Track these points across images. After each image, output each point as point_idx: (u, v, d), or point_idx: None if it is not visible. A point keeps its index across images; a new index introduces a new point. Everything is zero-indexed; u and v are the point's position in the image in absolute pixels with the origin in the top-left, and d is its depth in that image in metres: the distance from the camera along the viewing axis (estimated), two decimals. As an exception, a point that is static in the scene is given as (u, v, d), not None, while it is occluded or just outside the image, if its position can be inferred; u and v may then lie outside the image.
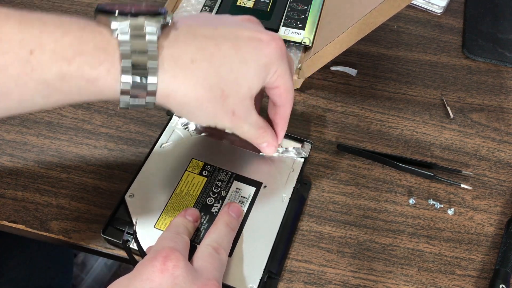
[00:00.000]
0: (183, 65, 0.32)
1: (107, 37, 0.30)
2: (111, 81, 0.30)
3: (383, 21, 0.45)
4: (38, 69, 0.29)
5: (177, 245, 0.35)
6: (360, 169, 0.49)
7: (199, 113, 0.34)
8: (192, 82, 0.32)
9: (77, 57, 0.29)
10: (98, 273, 1.00)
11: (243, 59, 0.34)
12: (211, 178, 0.44)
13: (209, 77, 0.33)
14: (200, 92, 0.32)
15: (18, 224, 0.44)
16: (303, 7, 0.59)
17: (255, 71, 0.34)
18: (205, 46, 0.33)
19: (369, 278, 0.43)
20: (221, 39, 0.34)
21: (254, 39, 0.35)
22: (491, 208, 0.48)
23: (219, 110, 0.34)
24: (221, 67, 0.33)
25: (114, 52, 0.30)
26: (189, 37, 0.33)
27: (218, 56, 0.33)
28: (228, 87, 0.33)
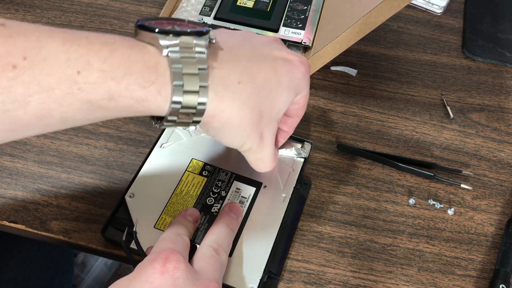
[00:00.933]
0: (230, 86, 0.32)
1: (156, 56, 0.29)
2: (161, 101, 0.30)
3: (383, 21, 0.45)
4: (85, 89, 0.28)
5: (178, 246, 0.35)
6: (360, 169, 0.49)
7: (236, 134, 0.34)
8: (238, 103, 0.32)
9: (126, 77, 0.28)
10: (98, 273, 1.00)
11: (279, 82, 0.34)
12: (211, 178, 0.44)
13: (252, 98, 0.33)
14: (244, 112, 0.33)
15: (18, 224, 0.44)
16: (303, 7, 0.59)
17: (287, 94, 0.35)
18: (249, 67, 0.33)
19: (369, 278, 0.43)
20: (262, 61, 0.34)
21: (287, 61, 0.35)
22: (491, 208, 0.48)
23: (253, 131, 0.34)
24: (262, 90, 0.33)
25: (165, 71, 0.29)
26: (233, 58, 0.33)
27: (260, 77, 0.33)
28: (266, 108, 0.34)
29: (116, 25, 0.60)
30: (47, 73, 0.26)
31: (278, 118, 0.36)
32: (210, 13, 0.58)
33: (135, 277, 0.33)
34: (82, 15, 0.60)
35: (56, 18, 0.60)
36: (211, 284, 0.34)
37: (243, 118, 0.33)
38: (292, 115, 0.40)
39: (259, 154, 0.37)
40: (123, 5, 0.62)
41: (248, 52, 0.34)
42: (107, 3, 0.62)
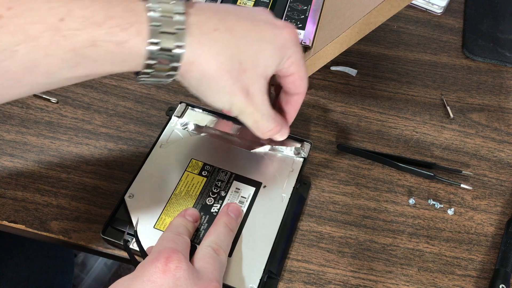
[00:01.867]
0: (207, 32, 0.32)
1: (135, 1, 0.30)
2: (140, 44, 0.30)
3: (383, 21, 0.45)
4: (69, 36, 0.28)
5: (178, 246, 0.35)
6: (360, 169, 0.49)
7: (217, 86, 0.33)
8: (215, 50, 0.32)
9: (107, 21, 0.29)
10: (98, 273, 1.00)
11: (261, 36, 0.34)
12: (210, 178, 0.44)
13: (230, 47, 0.33)
14: (221, 60, 0.32)
15: (18, 224, 0.44)
16: (303, 7, 0.59)
17: (272, 50, 0.35)
18: (227, 18, 0.33)
19: (369, 278, 0.43)
20: (242, 16, 0.35)
21: (271, 23, 0.35)
22: (491, 208, 0.48)
23: (235, 85, 0.34)
24: (241, 39, 0.33)
25: (143, 14, 0.30)
26: (212, 9, 0.34)
27: (238, 29, 0.33)
28: (246, 60, 0.34)
29: (116, 25, 0.60)
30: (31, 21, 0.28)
31: (265, 75, 0.35)
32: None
33: (136, 276, 0.33)
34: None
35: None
36: (212, 283, 0.34)
37: (220, 67, 0.32)
38: (290, 89, 0.39)
39: (253, 116, 0.36)
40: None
41: (230, 9, 0.35)
42: None
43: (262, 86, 0.35)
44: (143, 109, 0.52)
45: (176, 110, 0.49)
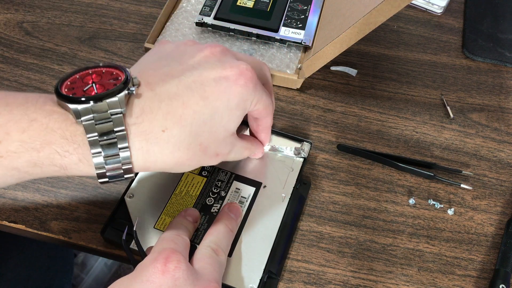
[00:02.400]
0: (154, 137, 0.31)
1: (73, 124, 0.30)
2: (85, 167, 0.31)
3: (383, 21, 0.45)
4: (8, 158, 0.29)
5: (178, 246, 0.35)
6: (360, 169, 0.49)
7: (183, 169, 0.34)
8: (168, 151, 0.32)
9: (45, 147, 0.29)
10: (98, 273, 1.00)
11: (213, 109, 0.33)
12: (210, 178, 0.44)
13: (184, 140, 0.32)
14: (178, 155, 0.32)
15: (18, 224, 0.44)
16: (303, 7, 0.59)
17: (228, 115, 0.34)
18: (173, 109, 0.32)
19: (369, 278, 0.43)
20: (187, 94, 0.33)
21: (221, 80, 0.34)
22: (491, 208, 0.48)
23: (202, 159, 0.34)
24: (193, 125, 0.33)
25: (82, 140, 0.30)
26: (155, 104, 0.32)
27: (187, 116, 0.32)
28: (205, 139, 0.34)
29: (116, 25, 0.60)
30: None
31: (230, 134, 0.36)
32: (210, 13, 0.58)
33: (136, 277, 0.33)
34: (82, 15, 0.60)
35: (56, 18, 0.60)
36: (211, 284, 0.34)
37: (180, 160, 0.33)
38: (257, 117, 0.40)
39: (227, 159, 0.38)
40: (123, 5, 0.62)
41: (173, 89, 0.33)
42: (107, 3, 0.62)
43: (228, 142, 0.36)
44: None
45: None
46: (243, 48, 0.57)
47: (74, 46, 0.57)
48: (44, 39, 0.58)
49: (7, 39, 0.58)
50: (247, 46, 0.57)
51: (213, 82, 0.34)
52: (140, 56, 0.57)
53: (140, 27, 0.60)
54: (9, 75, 0.54)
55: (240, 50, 0.56)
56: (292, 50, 0.57)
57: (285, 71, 0.55)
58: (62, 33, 0.59)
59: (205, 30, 0.58)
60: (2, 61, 0.56)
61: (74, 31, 0.59)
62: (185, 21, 0.59)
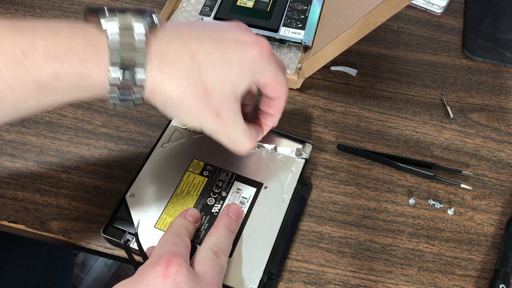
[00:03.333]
0: (168, 60, 0.33)
1: (96, 34, 0.31)
2: (102, 76, 0.31)
3: (383, 21, 0.45)
4: (32, 70, 0.30)
5: (179, 249, 0.35)
6: (360, 169, 0.49)
7: (183, 109, 0.34)
8: (176, 76, 0.33)
9: (68, 55, 0.30)
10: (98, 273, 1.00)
11: (226, 58, 0.34)
12: (212, 179, 0.44)
13: (192, 71, 0.33)
14: (183, 85, 0.33)
15: (18, 224, 0.44)
16: (303, 7, 0.59)
17: (238, 72, 0.35)
18: (189, 43, 0.34)
19: (369, 278, 0.43)
20: (206, 39, 0.35)
21: (239, 42, 0.35)
22: (491, 208, 0.48)
23: (203, 107, 0.34)
24: (204, 63, 0.34)
25: (104, 47, 0.31)
26: (175, 35, 0.34)
27: (201, 53, 0.34)
28: (211, 83, 0.34)
29: (116, 25, 0.60)
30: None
31: (235, 96, 0.35)
32: (210, 13, 0.58)
33: (137, 280, 0.33)
34: (82, 15, 0.60)
35: (56, 18, 0.60)
36: (212, 287, 0.34)
37: (184, 92, 0.33)
38: (271, 95, 0.40)
39: (226, 135, 0.37)
40: (123, 5, 0.62)
41: (194, 33, 0.35)
42: (107, 3, 0.62)
43: (232, 106, 0.36)
44: (143, 109, 0.52)
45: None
46: (243, 48, 0.57)
47: (74, 46, 0.57)
48: (44, 39, 0.58)
49: (7, 39, 0.57)
50: (247, 46, 0.57)
51: (232, 40, 0.35)
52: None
53: (140, 27, 0.60)
54: (9, 75, 0.54)
55: (240, 50, 0.56)
56: (292, 50, 0.57)
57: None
58: (62, 33, 0.58)
59: (205, 30, 0.58)
60: (2, 61, 0.55)
61: (74, 31, 0.59)
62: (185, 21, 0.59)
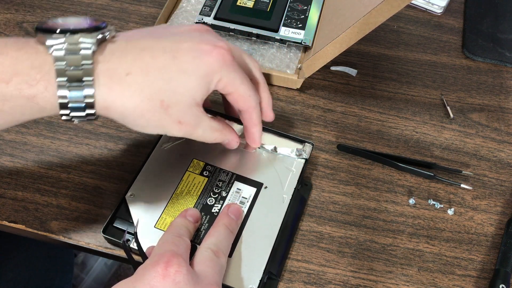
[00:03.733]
0: (118, 78, 0.33)
1: (43, 55, 0.31)
2: (50, 97, 0.32)
3: (383, 21, 0.45)
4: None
5: (179, 249, 0.35)
6: (360, 169, 0.49)
7: (143, 123, 0.35)
8: (128, 94, 0.33)
9: (14, 78, 0.31)
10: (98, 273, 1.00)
11: (181, 69, 0.34)
12: (212, 178, 0.44)
13: (146, 88, 0.33)
14: (137, 102, 0.33)
15: (18, 224, 0.44)
16: (303, 7, 0.59)
17: (194, 81, 0.35)
18: (141, 57, 0.34)
19: (369, 278, 0.43)
20: (159, 51, 0.34)
21: (194, 50, 0.35)
22: (491, 208, 0.48)
23: (163, 119, 0.35)
24: (158, 78, 0.34)
25: (50, 69, 0.31)
26: (126, 50, 0.34)
27: (154, 67, 0.34)
28: (168, 97, 0.34)
29: (116, 25, 0.60)
30: None
31: (195, 103, 0.36)
32: (210, 13, 0.58)
33: (136, 280, 0.33)
34: (82, 15, 0.60)
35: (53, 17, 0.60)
36: (212, 287, 0.34)
37: (138, 108, 0.33)
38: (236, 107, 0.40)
39: (193, 135, 0.38)
40: (123, 5, 0.62)
41: (148, 44, 0.35)
42: (107, 3, 0.62)
43: (194, 113, 0.36)
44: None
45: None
46: (243, 48, 0.57)
47: (74, 46, 0.57)
48: (44, 39, 0.58)
49: (7, 39, 0.58)
50: (247, 46, 0.57)
51: (187, 49, 0.35)
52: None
53: (140, 27, 0.60)
54: (9, 75, 0.54)
55: (240, 50, 0.56)
56: (292, 50, 0.57)
57: (285, 71, 0.55)
58: (62, 33, 0.58)
59: (205, 30, 0.58)
60: (2, 61, 0.55)
61: (74, 31, 0.59)
62: (185, 21, 0.59)
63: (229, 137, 0.42)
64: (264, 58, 0.56)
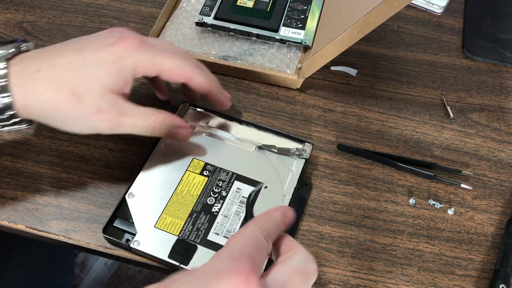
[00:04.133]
0: (29, 76, 0.36)
1: None
2: None
3: (383, 21, 0.45)
4: None
5: (259, 260, 0.30)
6: (360, 169, 0.49)
7: (61, 117, 0.37)
8: (39, 89, 0.36)
9: None
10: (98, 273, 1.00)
11: (88, 62, 0.37)
12: (212, 178, 0.44)
13: (55, 81, 0.36)
14: (49, 95, 0.36)
15: (18, 224, 0.44)
16: (303, 7, 0.59)
17: (103, 69, 0.37)
18: (50, 57, 0.37)
19: (369, 278, 0.43)
20: (68, 51, 0.38)
21: (100, 44, 0.38)
22: (491, 208, 0.48)
23: (79, 110, 0.37)
24: (66, 71, 0.37)
25: None
26: (37, 55, 0.38)
27: (61, 63, 0.37)
28: (78, 86, 0.36)
29: (116, 25, 0.60)
30: None
31: (109, 90, 0.37)
32: (210, 13, 0.58)
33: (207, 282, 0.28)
34: (82, 15, 0.60)
35: (56, 18, 0.60)
36: None
37: (52, 101, 0.36)
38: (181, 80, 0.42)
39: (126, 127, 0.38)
40: (123, 5, 0.62)
41: (58, 48, 0.38)
42: (107, 3, 0.62)
43: (112, 99, 0.38)
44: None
45: (178, 110, 0.49)
46: (243, 48, 0.57)
47: (74, 46, 0.57)
48: (44, 39, 0.58)
49: (7, 39, 0.58)
50: (247, 46, 0.57)
51: (93, 45, 0.38)
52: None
53: (140, 27, 0.60)
54: (9, 75, 0.54)
55: (240, 50, 0.56)
56: (292, 50, 0.57)
57: (285, 71, 0.55)
58: (62, 33, 0.59)
59: (205, 30, 0.58)
60: (2, 61, 0.55)
61: (74, 31, 0.59)
62: (185, 21, 0.59)
63: (168, 120, 0.40)
64: (264, 58, 0.56)
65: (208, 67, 0.55)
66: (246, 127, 0.48)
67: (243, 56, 0.56)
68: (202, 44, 0.57)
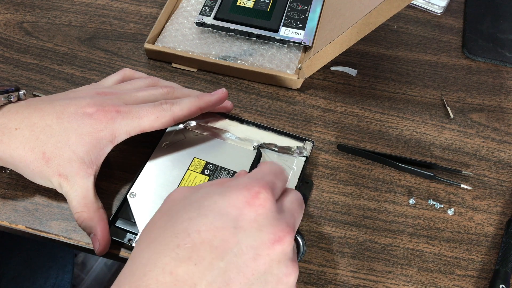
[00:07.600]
0: (8, 132, 0.39)
1: None
2: None
3: (383, 21, 0.45)
4: None
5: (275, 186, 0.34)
6: (360, 169, 0.49)
7: (30, 173, 0.39)
8: (15, 146, 0.39)
9: None
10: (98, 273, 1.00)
11: (63, 129, 0.39)
12: (213, 177, 0.44)
13: (30, 141, 0.39)
14: (22, 153, 0.39)
15: (18, 224, 0.44)
16: (303, 7, 0.59)
17: (76, 138, 0.39)
18: (31, 116, 0.39)
19: (369, 278, 0.43)
20: (48, 113, 0.40)
21: (77, 113, 0.40)
22: (491, 208, 0.48)
23: (45, 171, 0.39)
24: (42, 133, 0.39)
25: None
26: (21, 110, 0.40)
27: (40, 125, 0.39)
28: (49, 150, 0.39)
29: (116, 25, 0.60)
30: None
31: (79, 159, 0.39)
32: (210, 13, 0.58)
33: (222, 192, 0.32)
34: (82, 15, 0.60)
35: (56, 18, 0.60)
36: (289, 228, 0.32)
37: (24, 158, 0.39)
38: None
39: (70, 195, 0.40)
40: (123, 5, 0.62)
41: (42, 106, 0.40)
42: (107, 3, 0.62)
43: (76, 168, 0.39)
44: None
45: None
46: (243, 48, 0.57)
47: (74, 46, 0.57)
48: (44, 39, 0.58)
49: (7, 39, 0.58)
50: (247, 46, 0.57)
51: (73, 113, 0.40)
52: (140, 56, 0.57)
53: (140, 27, 0.60)
54: (9, 75, 0.54)
55: (240, 50, 0.56)
56: (292, 50, 0.57)
57: (285, 71, 0.55)
58: (62, 33, 0.59)
59: (205, 30, 0.58)
60: (2, 61, 0.56)
61: (74, 31, 0.59)
62: (185, 21, 0.59)
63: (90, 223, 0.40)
64: (264, 58, 0.56)
65: (208, 67, 0.56)
66: (247, 126, 0.48)
67: (243, 56, 0.56)
68: (202, 44, 0.57)
